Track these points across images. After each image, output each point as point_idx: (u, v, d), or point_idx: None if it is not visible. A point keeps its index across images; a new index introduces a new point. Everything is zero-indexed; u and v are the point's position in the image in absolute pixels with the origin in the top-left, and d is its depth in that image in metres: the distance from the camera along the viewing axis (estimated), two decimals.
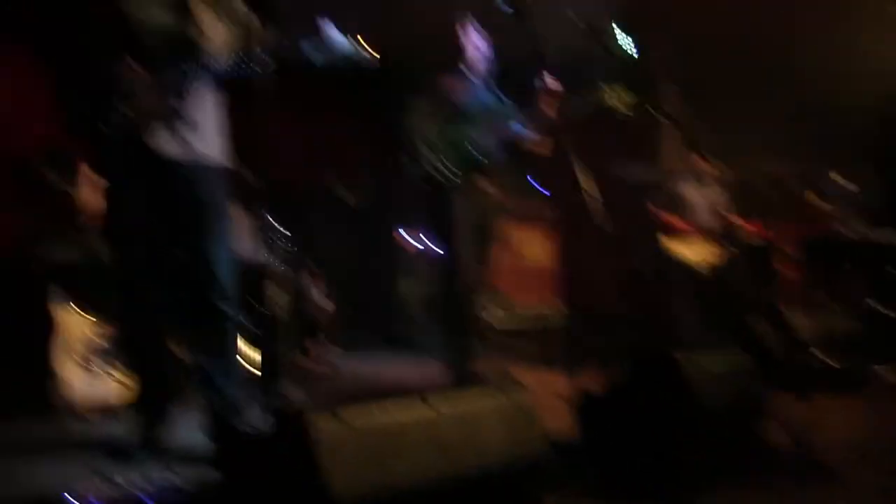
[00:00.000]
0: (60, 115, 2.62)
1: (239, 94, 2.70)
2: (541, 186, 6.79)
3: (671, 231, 5.16)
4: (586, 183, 2.90)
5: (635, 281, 5.53)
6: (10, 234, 5.17)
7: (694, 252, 5.17)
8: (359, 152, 7.89)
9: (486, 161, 4.04)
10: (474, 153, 3.97)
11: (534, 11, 3.04)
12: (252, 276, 4.29)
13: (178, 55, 2.56)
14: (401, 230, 6.80)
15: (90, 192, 4.95)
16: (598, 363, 3.38)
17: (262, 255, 4.97)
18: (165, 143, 2.58)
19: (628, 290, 5.43)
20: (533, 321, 6.30)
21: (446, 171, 3.91)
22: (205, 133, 2.69)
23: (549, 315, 6.21)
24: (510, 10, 3.08)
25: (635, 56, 5.71)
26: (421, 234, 6.61)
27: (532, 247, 6.67)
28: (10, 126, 5.81)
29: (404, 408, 1.84)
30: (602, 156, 4.81)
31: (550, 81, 3.69)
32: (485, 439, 1.95)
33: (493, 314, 5.97)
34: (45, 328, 3.58)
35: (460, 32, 4.08)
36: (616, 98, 3.91)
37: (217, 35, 2.41)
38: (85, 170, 5.00)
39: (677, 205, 5.25)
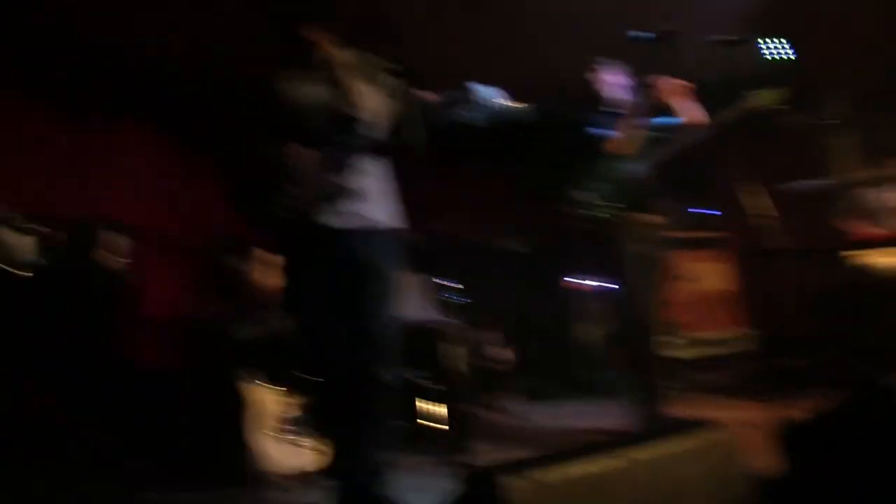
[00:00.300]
0: (232, 203, 2.76)
1: (400, 158, 2.82)
2: (710, 210, 6.56)
3: (861, 241, 4.76)
4: (759, 200, 2.75)
5: (827, 298, 5.14)
6: (199, 318, 5.60)
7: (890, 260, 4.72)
8: (521, 202, 7.99)
9: (647, 192, 3.96)
10: (633, 186, 3.90)
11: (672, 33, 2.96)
12: (428, 334, 4.41)
13: (338, 130, 2.66)
14: (573, 274, 6.73)
15: (267, 271, 5.30)
16: (796, 390, 3.15)
17: (436, 313, 5.10)
18: (335, 215, 2.67)
19: (820, 308, 5.06)
20: (719, 349, 6.02)
21: (608, 208, 3.87)
22: (372, 200, 2.77)
23: (736, 342, 5.92)
24: (652, 38, 3.01)
25: (792, 60, 5.46)
26: (593, 276, 6.53)
27: (709, 273, 6.41)
28: (192, 217, 6.34)
29: (595, 458, 1.78)
30: (773, 170, 4.60)
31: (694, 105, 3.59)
32: (685, 484, 1.86)
33: (676, 347, 5.76)
34: (237, 403, 3.78)
35: (598, 72, 4.08)
36: (765, 99, 3.71)
37: (373, 106, 2.50)
38: (260, 252, 5.38)
39: (863, 212, 4.85)
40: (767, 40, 5.26)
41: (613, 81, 4.06)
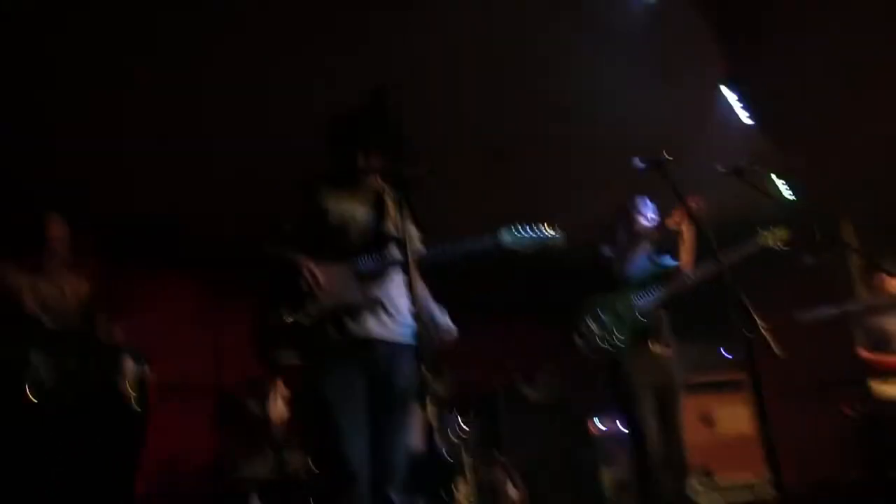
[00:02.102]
0: (254, 345, 2.78)
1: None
2: (727, 351, 6.50)
3: (881, 369, 4.62)
4: (768, 334, 2.72)
5: (854, 438, 4.97)
6: (214, 455, 5.53)
7: None
8: (540, 348, 8.01)
9: (656, 325, 3.95)
10: (645, 320, 3.91)
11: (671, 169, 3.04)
12: (437, 465, 4.32)
13: (374, 246, 2.75)
14: (594, 417, 6.61)
15: (285, 406, 5.28)
16: None
17: (451, 449, 5.03)
18: (362, 325, 2.70)
19: (846, 448, 4.89)
20: (740, 496, 5.78)
21: (618, 343, 3.86)
22: (400, 315, 2.80)
23: (757, 488, 5.69)
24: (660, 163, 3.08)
25: (795, 199, 5.57)
26: (612, 417, 6.42)
27: (728, 416, 6.25)
28: (214, 364, 6.40)
29: None
30: (788, 303, 4.58)
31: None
32: None
33: (696, 493, 5.55)
34: None
35: (633, 208, 4.16)
36: (772, 238, 3.76)
37: (406, 231, 2.52)
38: (279, 390, 5.39)
39: (884, 340, 4.74)
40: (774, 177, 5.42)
41: (644, 214, 4.14)
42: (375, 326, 2.73)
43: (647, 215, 4.15)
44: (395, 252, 2.73)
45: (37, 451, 3.39)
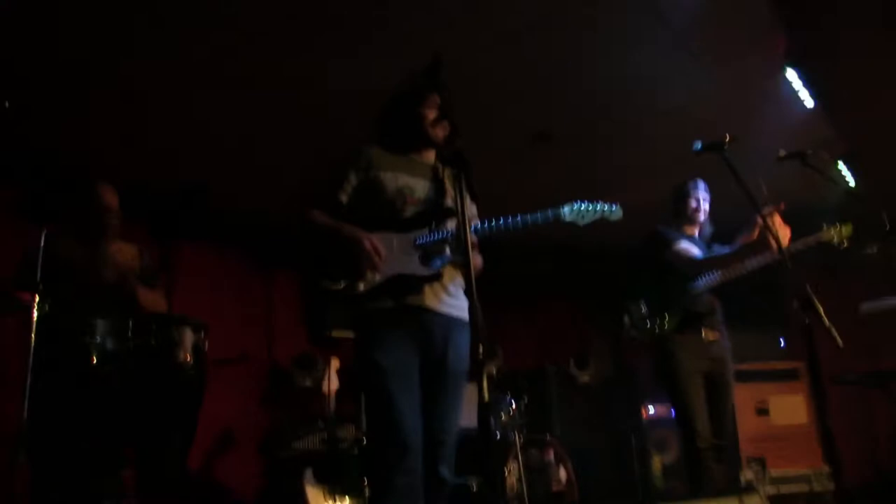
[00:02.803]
0: (305, 317, 2.77)
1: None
2: (784, 340, 6.39)
3: None
4: (829, 323, 2.66)
5: None
6: (270, 429, 5.66)
7: None
8: (592, 330, 8.00)
9: (710, 312, 3.91)
10: (696, 305, 3.86)
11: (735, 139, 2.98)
12: (494, 448, 4.36)
13: (434, 222, 2.72)
14: (643, 402, 6.58)
15: (334, 384, 5.36)
16: None
17: (502, 429, 5.06)
18: (420, 295, 2.68)
19: None
20: (798, 487, 5.70)
21: (668, 327, 3.82)
22: (455, 291, 2.80)
23: (816, 479, 5.60)
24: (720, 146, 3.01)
25: (859, 186, 5.43)
26: (661, 404, 6.38)
27: (785, 406, 6.16)
28: (270, 341, 6.55)
29: None
30: (850, 293, 4.49)
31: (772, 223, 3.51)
32: None
33: (748, 480, 5.49)
34: None
35: (696, 193, 4.10)
36: (837, 234, 3.67)
37: (465, 207, 2.45)
38: (331, 364, 5.46)
39: None
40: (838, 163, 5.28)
41: (702, 199, 4.09)
42: (433, 299, 2.72)
43: (700, 197, 4.09)
44: (452, 227, 2.70)
45: (99, 415, 3.49)
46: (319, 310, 2.73)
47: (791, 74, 4.54)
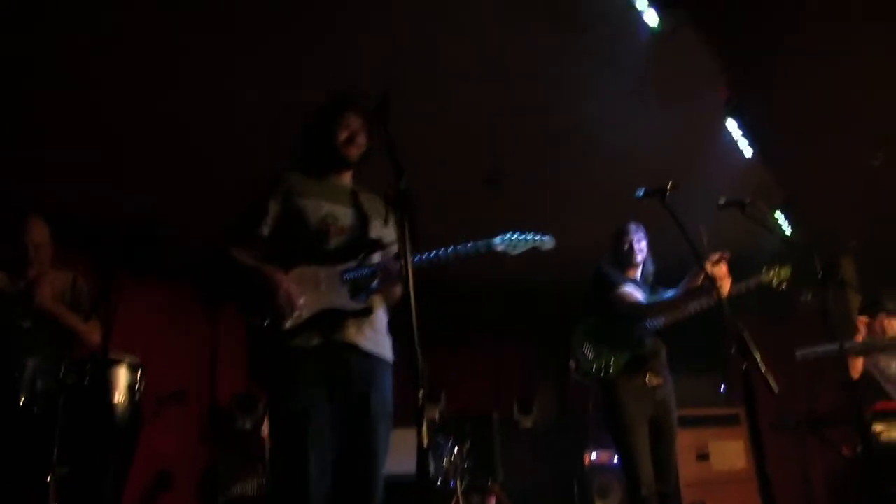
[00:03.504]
0: (247, 365, 2.66)
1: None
2: (723, 386, 6.46)
3: (879, 410, 4.56)
4: (766, 369, 2.69)
5: (851, 480, 4.91)
6: (209, 471, 5.49)
7: None
8: (536, 374, 8.01)
9: (655, 357, 3.92)
10: (639, 349, 3.87)
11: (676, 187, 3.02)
12: (434, 494, 4.27)
13: (357, 251, 2.65)
14: (589, 447, 6.56)
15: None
16: None
17: (444, 474, 4.98)
18: (343, 332, 2.58)
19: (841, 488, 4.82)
20: None
21: (612, 370, 3.82)
22: (381, 329, 2.72)
23: None
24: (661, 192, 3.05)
25: (795, 234, 5.57)
26: (605, 449, 6.38)
27: (722, 449, 6.22)
28: (213, 378, 6.41)
29: None
30: (786, 340, 4.55)
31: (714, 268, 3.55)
32: None
33: None
34: None
35: (631, 236, 4.10)
36: (776, 276, 3.74)
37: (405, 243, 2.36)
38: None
39: (885, 379, 4.65)
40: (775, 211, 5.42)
41: (639, 242, 4.11)
42: (359, 335, 2.61)
43: (634, 238, 4.09)
44: (378, 260, 2.65)
45: (25, 455, 3.36)
46: (255, 345, 2.61)
47: (731, 124, 4.67)
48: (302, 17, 3.69)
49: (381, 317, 2.73)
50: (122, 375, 3.85)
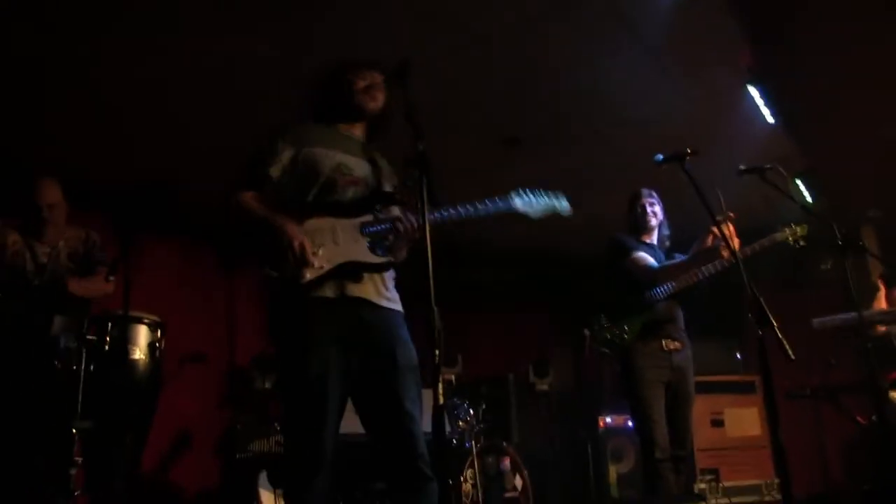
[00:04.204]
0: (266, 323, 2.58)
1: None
2: (739, 352, 6.47)
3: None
4: (782, 336, 2.69)
5: (865, 448, 4.93)
6: (228, 429, 5.59)
7: None
8: (552, 340, 8.04)
9: (670, 322, 3.93)
10: (652, 314, 3.89)
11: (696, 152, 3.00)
12: (449, 453, 4.34)
13: (375, 206, 2.59)
14: (602, 411, 6.60)
15: None
16: None
17: (459, 435, 5.05)
18: (370, 290, 2.54)
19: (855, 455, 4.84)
20: (748, 498, 5.77)
21: (627, 336, 3.84)
22: (392, 286, 2.67)
23: (765, 490, 5.69)
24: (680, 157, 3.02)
25: (816, 202, 5.53)
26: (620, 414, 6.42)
27: (738, 418, 6.23)
28: (232, 339, 6.48)
29: None
30: (804, 308, 4.54)
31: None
32: None
33: (701, 491, 5.55)
34: None
35: (644, 199, 4.11)
36: (792, 234, 3.70)
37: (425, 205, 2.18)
38: None
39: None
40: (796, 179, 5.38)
41: (652, 206, 4.11)
42: (374, 292, 2.54)
43: (647, 202, 4.10)
44: (395, 214, 2.58)
45: (48, 412, 3.45)
46: (273, 299, 2.53)
47: (753, 91, 4.61)
48: None
49: (389, 273, 2.67)
50: (142, 333, 3.93)
